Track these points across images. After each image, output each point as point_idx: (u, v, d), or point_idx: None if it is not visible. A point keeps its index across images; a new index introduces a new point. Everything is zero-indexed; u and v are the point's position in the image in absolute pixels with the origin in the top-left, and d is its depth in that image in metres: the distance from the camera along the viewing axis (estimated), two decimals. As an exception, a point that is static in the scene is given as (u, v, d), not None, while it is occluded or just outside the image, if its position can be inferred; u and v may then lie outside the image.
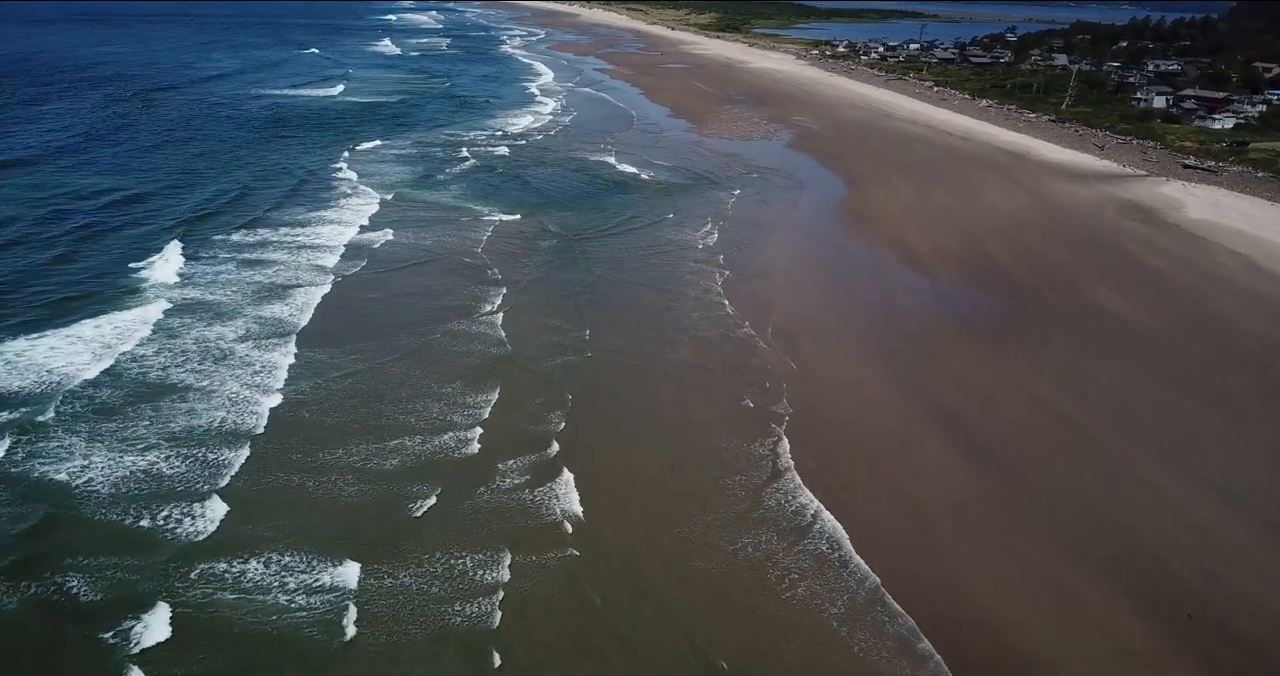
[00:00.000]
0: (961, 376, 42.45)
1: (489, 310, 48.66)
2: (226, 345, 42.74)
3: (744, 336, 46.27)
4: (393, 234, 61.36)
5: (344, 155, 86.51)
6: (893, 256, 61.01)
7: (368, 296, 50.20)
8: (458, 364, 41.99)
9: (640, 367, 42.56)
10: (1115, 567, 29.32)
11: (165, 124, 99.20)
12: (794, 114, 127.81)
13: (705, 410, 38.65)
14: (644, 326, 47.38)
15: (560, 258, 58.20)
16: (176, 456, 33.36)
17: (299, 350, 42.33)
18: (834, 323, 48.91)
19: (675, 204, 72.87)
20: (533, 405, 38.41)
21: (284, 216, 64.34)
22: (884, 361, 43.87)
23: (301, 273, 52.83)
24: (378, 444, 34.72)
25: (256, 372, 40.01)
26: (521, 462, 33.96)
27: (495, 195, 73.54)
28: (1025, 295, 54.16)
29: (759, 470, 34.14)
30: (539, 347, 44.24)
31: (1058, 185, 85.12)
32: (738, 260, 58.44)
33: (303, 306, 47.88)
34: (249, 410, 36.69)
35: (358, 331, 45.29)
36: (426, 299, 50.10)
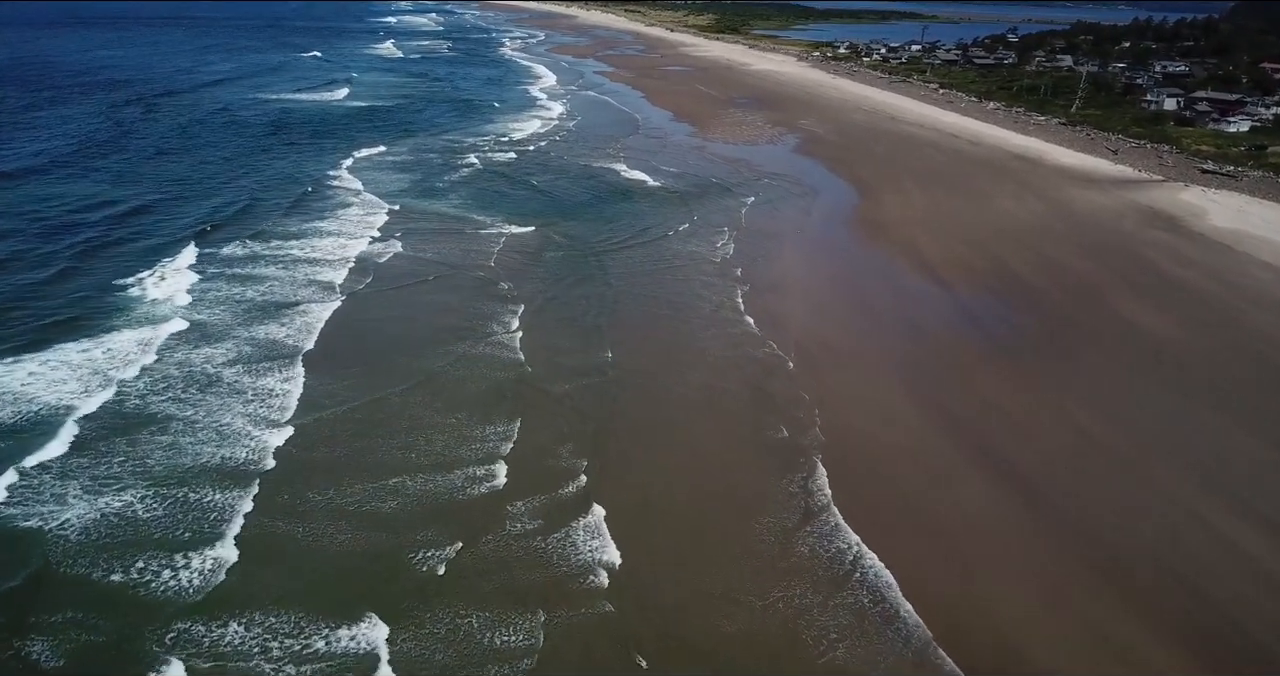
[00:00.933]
0: (992, 400, 40.51)
1: (505, 330, 46.62)
2: (224, 373, 40.58)
3: (768, 357, 44.33)
4: (400, 247, 59.46)
5: (348, 163, 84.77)
6: (911, 268, 59.10)
7: (376, 316, 48.17)
8: (475, 392, 39.84)
9: (666, 394, 40.53)
10: (1183, 625, 27.13)
11: (165, 132, 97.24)
12: (798, 117, 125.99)
13: (737, 440, 36.74)
14: (666, 347, 45.44)
15: (575, 272, 56.22)
16: (169, 501, 31.11)
17: (304, 379, 40.16)
18: (857, 340, 47.00)
19: (688, 213, 71.01)
20: (557, 438, 36.28)
21: (287, 229, 62.45)
22: (911, 383, 41.95)
23: (305, 290, 50.83)
24: (394, 485, 32.53)
25: (258, 405, 37.80)
26: (548, 504, 31.85)
27: (503, 205, 71.63)
28: (1050, 309, 52.25)
29: (797, 507, 32.18)
30: (560, 372, 42.17)
31: (1074, 191, 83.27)
32: (755, 273, 56.52)
33: (307, 329, 45.72)
34: (252, 448, 34.49)
35: (366, 356, 43.25)
36: (438, 318, 48.07)
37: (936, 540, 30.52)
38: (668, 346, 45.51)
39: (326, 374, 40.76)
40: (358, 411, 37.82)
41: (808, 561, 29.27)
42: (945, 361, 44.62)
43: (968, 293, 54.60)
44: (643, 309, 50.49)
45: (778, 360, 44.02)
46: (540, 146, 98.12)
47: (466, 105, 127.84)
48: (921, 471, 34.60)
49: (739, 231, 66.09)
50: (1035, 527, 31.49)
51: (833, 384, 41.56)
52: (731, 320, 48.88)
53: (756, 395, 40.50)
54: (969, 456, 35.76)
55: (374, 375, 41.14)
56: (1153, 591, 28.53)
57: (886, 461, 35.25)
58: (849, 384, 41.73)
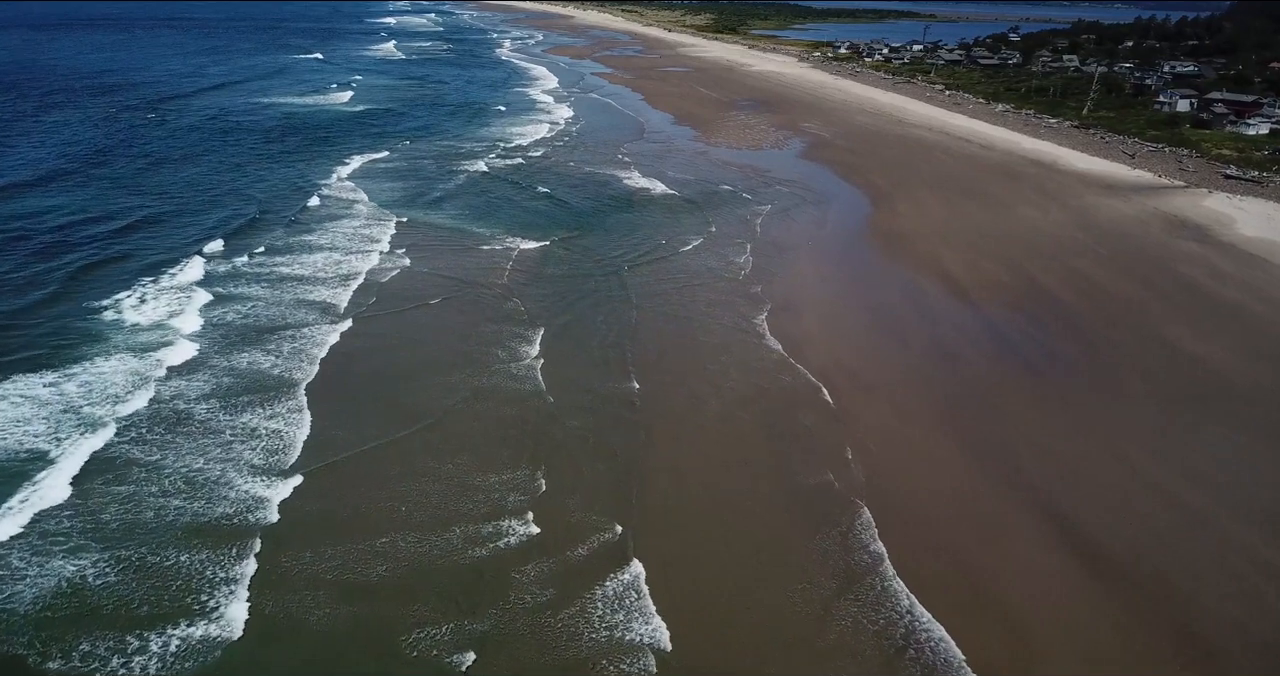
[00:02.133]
0: (1040, 440, 37.40)
1: (523, 359, 43.35)
2: (214, 412, 37.30)
3: (801, 388, 41.22)
4: (406, 263, 56.45)
5: (350, 171, 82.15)
6: (935, 286, 56.02)
7: (383, 345, 44.78)
8: (495, 432, 36.55)
9: (699, 430, 37.36)
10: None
11: (162, 140, 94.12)
12: (803, 120, 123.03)
13: (780, 486, 33.60)
14: (693, 377, 42.24)
15: (592, 292, 53.01)
16: (148, 571, 27.94)
17: (305, 419, 36.80)
18: (889, 369, 43.85)
19: (701, 225, 67.97)
20: (586, 487, 32.96)
21: (284, 244, 59.45)
22: (950, 419, 38.85)
23: (305, 314, 47.60)
24: (408, 549, 29.17)
25: (254, 451, 34.44)
26: (585, 567, 28.58)
27: (512, 217, 68.56)
28: (1087, 332, 49.18)
29: (851, 566, 29.14)
30: (584, 406, 38.99)
31: (1094, 198, 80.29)
32: (776, 291, 53.46)
33: (308, 359, 42.41)
34: (250, 504, 31.11)
35: (374, 391, 39.90)
36: (451, 346, 44.74)
37: (997, 611, 27.41)
38: (695, 375, 42.34)
39: (330, 413, 37.38)
40: (366, 458, 34.52)
41: (864, 629, 26.19)
42: (984, 394, 41.52)
43: (999, 313, 51.53)
44: (665, 333, 47.36)
45: (811, 391, 40.92)
46: (545, 153, 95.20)
47: (468, 109, 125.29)
48: (972, 526, 31.48)
49: (754, 244, 63.03)
50: (1106, 598, 28.29)
51: (869, 419, 38.47)
52: (758, 345, 45.78)
53: (793, 432, 37.38)
54: (1022, 508, 32.63)
55: (383, 413, 37.85)
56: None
57: (935, 513, 32.15)
58: (886, 420, 38.62)
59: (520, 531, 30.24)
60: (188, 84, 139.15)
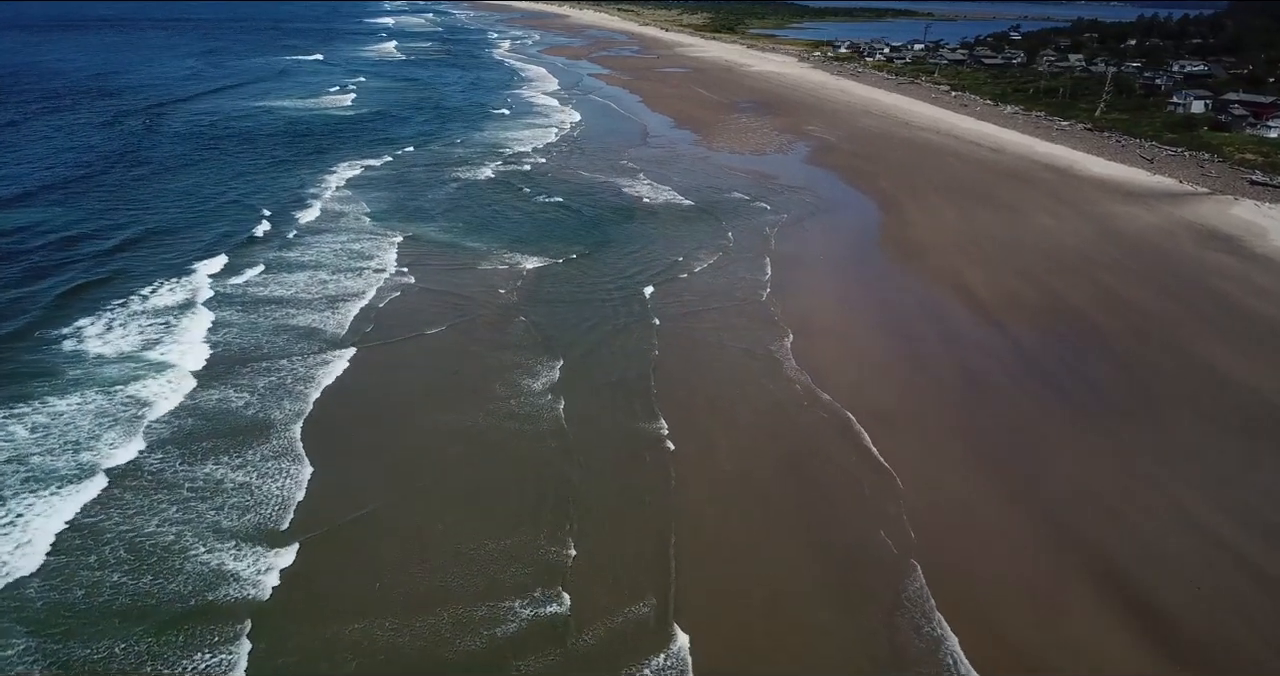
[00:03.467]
0: (1087, 485, 34.09)
1: (539, 397, 39.57)
2: (194, 463, 33.64)
3: (837, 428, 37.80)
4: (409, 285, 53.17)
5: (348, 181, 79.14)
6: (957, 304, 52.76)
7: (383, 381, 41.16)
8: (514, 485, 32.89)
9: (736, 479, 33.86)
10: None
11: (158, 148, 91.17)
12: (806, 123, 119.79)
13: (829, 544, 30.33)
14: (724, 413, 38.78)
15: (611, 317, 49.38)
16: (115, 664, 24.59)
17: (298, 472, 33.05)
18: (922, 404, 40.33)
19: (717, 238, 64.68)
20: (622, 549, 29.41)
21: (279, 262, 56.29)
22: (992, 464, 35.52)
23: (296, 343, 44.13)
24: (424, 629, 25.69)
25: (239, 515, 30.46)
26: (625, 648, 25.37)
27: (519, 232, 65.18)
28: (1124, 356, 45.89)
29: (911, 644, 25.92)
30: (611, 452, 35.52)
31: (1115, 206, 77.04)
32: (797, 314, 50.13)
33: (300, 397, 38.73)
34: (240, 579, 27.41)
35: (376, 437, 36.19)
36: (458, 382, 41.06)
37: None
38: (725, 412, 38.90)
39: (327, 466, 33.62)
40: (370, 521, 30.77)
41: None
42: (1020, 428, 38.21)
43: (1026, 334, 48.22)
44: (690, 364, 43.79)
45: (845, 430, 37.54)
46: (547, 160, 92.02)
47: (468, 113, 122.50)
48: (1025, 596, 28.07)
49: (771, 259, 59.74)
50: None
51: (906, 464, 34.98)
52: (785, 377, 42.33)
53: (833, 479, 34.04)
54: (1075, 571, 29.25)
55: (388, 465, 34.23)
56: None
57: (984, 572, 28.83)
58: (924, 466, 35.11)
59: (550, 609, 26.68)
60: (185, 88, 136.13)
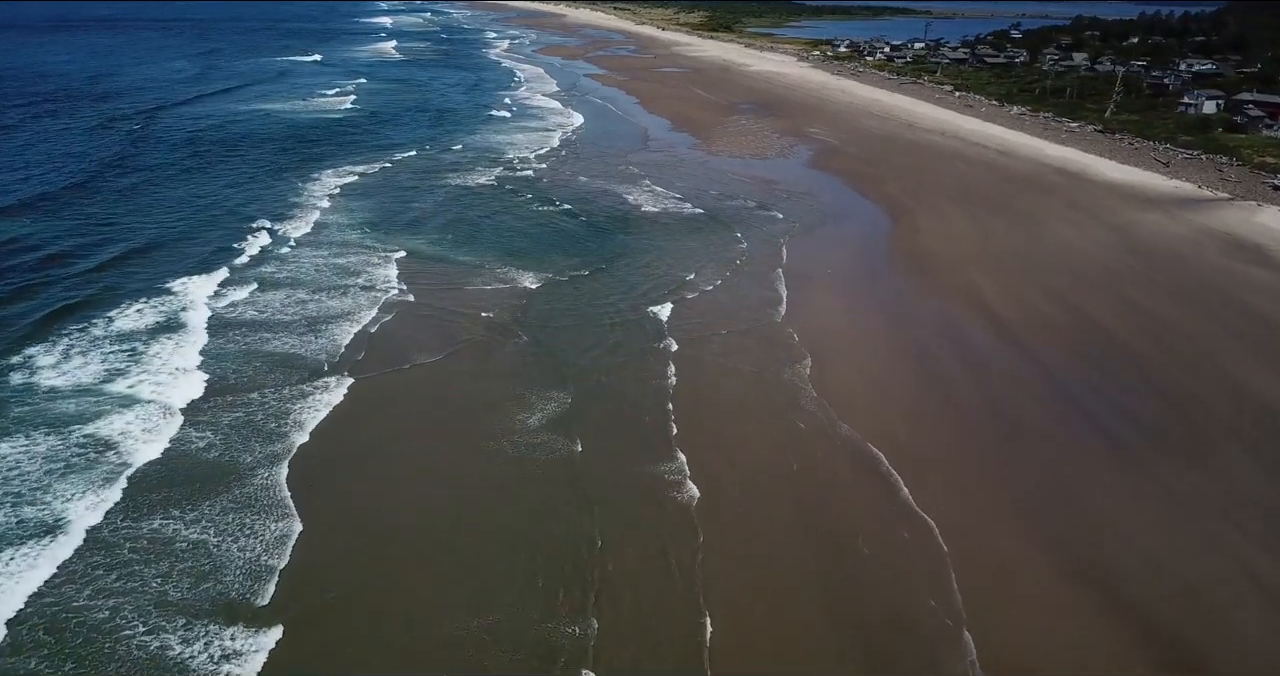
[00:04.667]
0: (1138, 542, 30.54)
1: (548, 440, 35.74)
2: (161, 523, 29.89)
3: (868, 473, 34.27)
4: (407, 304, 49.77)
5: (343, 189, 75.73)
6: (978, 325, 49.36)
7: (379, 417, 37.46)
8: (528, 550, 29.08)
9: (773, 540, 30.18)
10: None
11: (151, 154, 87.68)
12: (807, 125, 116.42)
13: (880, 620, 26.79)
14: (750, 457, 35.03)
15: (622, 344, 45.55)
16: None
17: (281, 537, 29.04)
18: (952, 443, 36.57)
19: (726, 252, 60.99)
20: (651, 643, 25.56)
21: (265, 279, 52.81)
22: (1032, 516, 31.96)
23: (272, 375, 40.48)
24: None
25: (213, 586, 26.78)
26: None
27: (520, 245, 61.43)
28: (1161, 383, 42.46)
29: None
30: (633, 505, 31.80)
31: (1134, 214, 73.68)
32: (813, 337, 46.60)
33: (281, 442, 34.82)
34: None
35: (369, 493, 32.35)
36: (458, 422, 37.30)
37: None
38: (750, 454, 35.26)
39: (313, 530, 29.71)
40: (363, 599, 26.83)
41: None
42: (1059, 472, 34.70)
43: (1058, 362, 44.75)
44: (711, 398, 40.01)
45: (880, 474, 34.05)
46: (543, 166, 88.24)
47: (466, 116, 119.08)
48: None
49: (783, 275, 56.24)
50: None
51: (949, 512, 31.45)
52: (810, 411, 38.73)
53: (869, 533, 30.53)
54: (1142, 651, 25.89)
55: (386, 523, 30.49)
56: None
57: (1040, 648, 25.42)
58: (967, 513, 31.50)
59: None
60: (178, 91, 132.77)
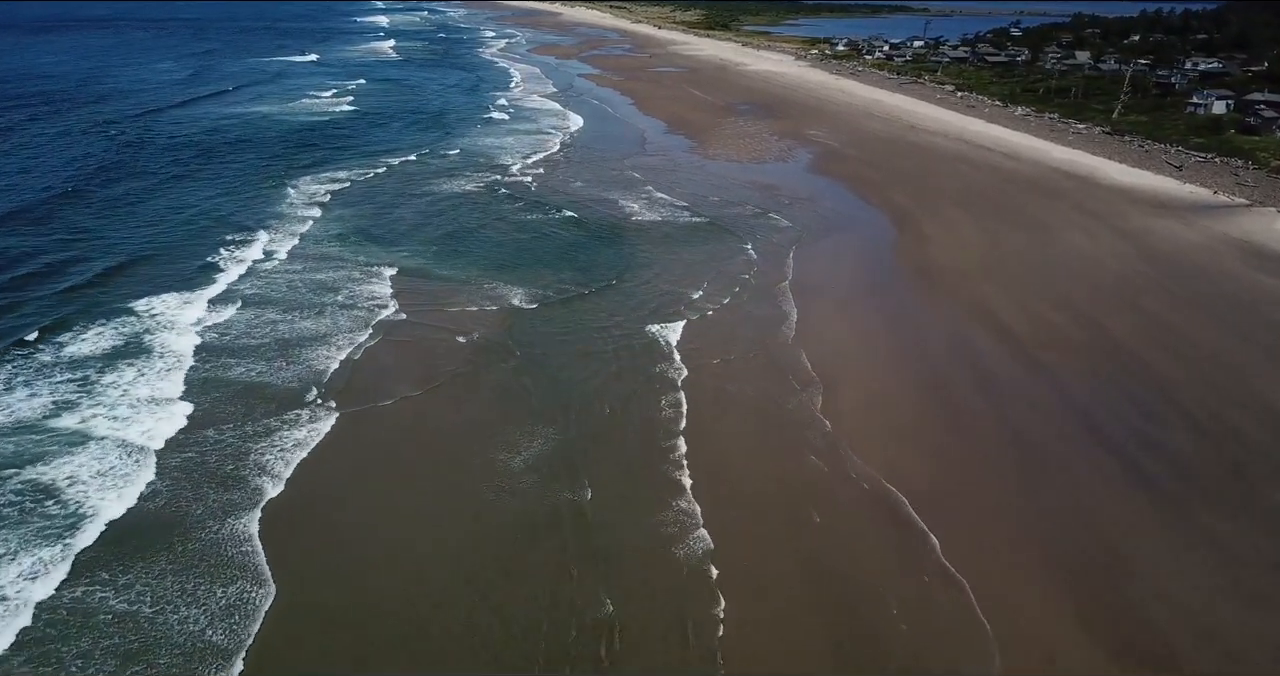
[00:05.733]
0: (1185, 603, 27.44)
1: (556, 488, 32.44)
2: (124, 599, 26.60)
3: (899, 522, 31.21)
4: (397, 326, 46.66)
5: (331, 199, 72.51)
6: (991, 344, 46.31)
7: (362, 461, 34.22)
8: (532, 622, 25.97)
9: (796, 602, 27.30)
10: None
11: (136, 162, 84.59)
12: (807, 127, 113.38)
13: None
14: (770, 514, 31.62)
15: (628, 371, 42.13)
16: None
17: (247, 617, 25.71)
18: (982, 487, 33.55)
19: (731, 266, 57.77)
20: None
21: (249, 298, 49.79)
22: (1074, 574, 28.67)
23: (258, 410, 37.27)
24: None
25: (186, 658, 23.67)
26: None
27: (513, 260, 57.92)
28: (1192, 411, 39.37)
29: None
30: (648, 571, 28.43)
31: (1148, 220, 70.68)
32: (825, 361, 43.52)
33: (248, 497, 31.35)
34: None
35: (355, 544, 29.35)
36: (455, 462, 34.09)
37: None
38: (770, 506, 31.95)
39: (287, 597, 26.59)
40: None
41: None
42: (1099, 523, 31.32)
43: (1081, 388, 41.62)
44: (722, 437, 36.65)
45: (905, 524, 30.99)
46: (536, 172, 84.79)
47: (458, 119, 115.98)
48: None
49: (791, 292, 53.02)
50: None
51: (982, 570, 28.42)
52: (825, 449, 35.51)
53: (910, 597, 27.45)
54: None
55: (367, 593, 27.11)
56: None
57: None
58: (999, 573, 28.46)
59: None
60: (170, 94, 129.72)
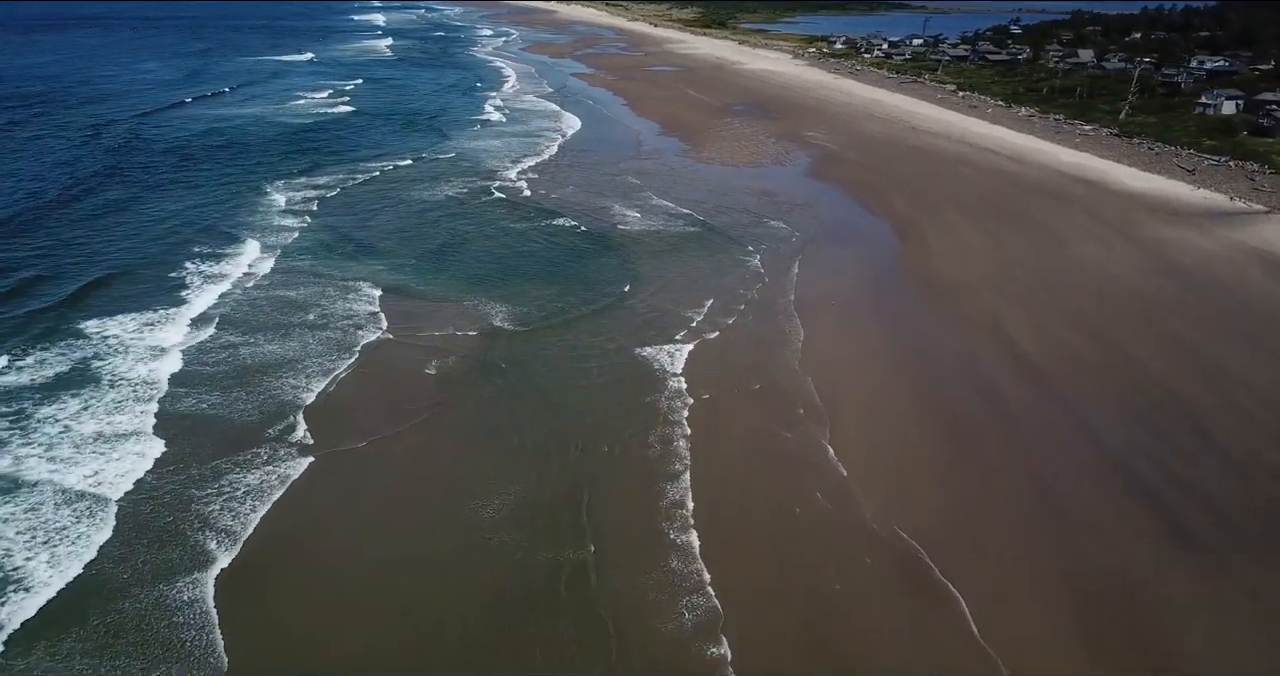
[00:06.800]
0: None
1: (555, 549, 28.94)
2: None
3: (932, 598, 27.61)
4: (381, 351, 43.26)
5: (319, 206, 69.34)
6: (1004, 369, 43.02)
7: (333, 513, 30.84)
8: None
9: None
10: None
11: (132, 165, 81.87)
12: (805, 129, 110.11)
13: None
14: (787, 587, 28.00)
15: (629, 403, 38.44)
16: None
17: None
18: (1006, 540, 30.38)
19: (729, 282, 54.10)
20: None
21: (226, 319, 46.43)
22: (1117, 646, 25.52)
23: (214, 450, 34.05)
24: None
25: None
26: None
27: (500, 276, 54.17)
28: (1233, 451, 35.75)
29: None
30: (656, 650, 25.17)
31: (1162, 229, 67.44)
32: (832, 390, 40.28)
33: (205, 547, 28.22)
34: None
35: (316, 623, 26.00)
36: (439, 513, 30.75)
37: None
38: (786, 575, 28.31)
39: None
40: None
41: None
42: (1136, 586, 27.98)
43: (1103, 420, 38.30)
44: (731, 484, 32.98)
45: (933, 595, 27.50)
46: (526, 178, 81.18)
47: (453, 121, 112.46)
48: None
49: (796, 311, 49.57)
50: None
51: (1017, 644, 25.12)
52: (842, 498, 32.10)
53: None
54: None
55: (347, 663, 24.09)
56: None
57: None
58: (1036, 644, 25.28)
59: None
60: (167, 94, 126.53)
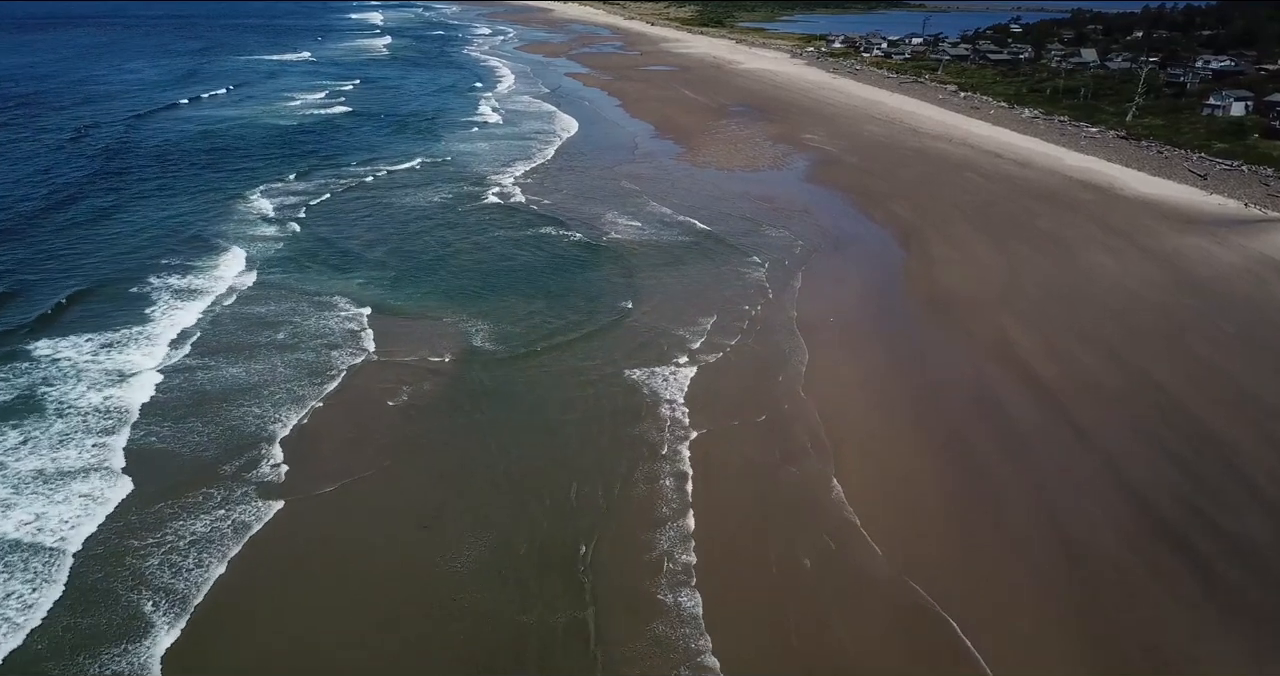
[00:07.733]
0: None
1: (551, 609, 26.25)
2: None
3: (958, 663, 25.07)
4: (362, 377, 40.46)
5: (307, 214, 66.89)
6: (1016, 395, 40.21)
7: (291, 583, 27.67)
8: None
9: None
10: None
11: (125, 170, 79.88)
12: (804, 131, 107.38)
13: None
14: (796, 636, 25.55)
15: (626, 440, 35.47)
16: None
17: None
18: (1027, 600, 27.90)
19: (734, 300, 50.87)
20: None
21: (201, 345, 43.34)
22: None
23: (184, 493, 31.13)
24: None
25: None
26: None
27: (501, 296, 50.74)
28: (1267, 489, 33.23)
29: None
30: None
31: (1176, 237, 64.71)
32: (836, 419, 37.52)
33: (153, 620, 25.20)
34: None
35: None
36: (421, 571, 27.88)
37: None
38: (799, 646, 25.28)
39: None
40: None
41: None
42: (1168, 650, 25.54)
43: (1126, 455, 35.50)
44: (735, 536, 30.03)
45: (956, 659, 24.86)
46: (518, 184, 78.33)
47: (449, 123, 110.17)
48: None
49: (799, 331, 46.58)
50: None
51: None
52: (855, 551, 29.20)
53: None
54: None
55: None
56: None
57: None
58: None
59: None
60: (162, 95, 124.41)
